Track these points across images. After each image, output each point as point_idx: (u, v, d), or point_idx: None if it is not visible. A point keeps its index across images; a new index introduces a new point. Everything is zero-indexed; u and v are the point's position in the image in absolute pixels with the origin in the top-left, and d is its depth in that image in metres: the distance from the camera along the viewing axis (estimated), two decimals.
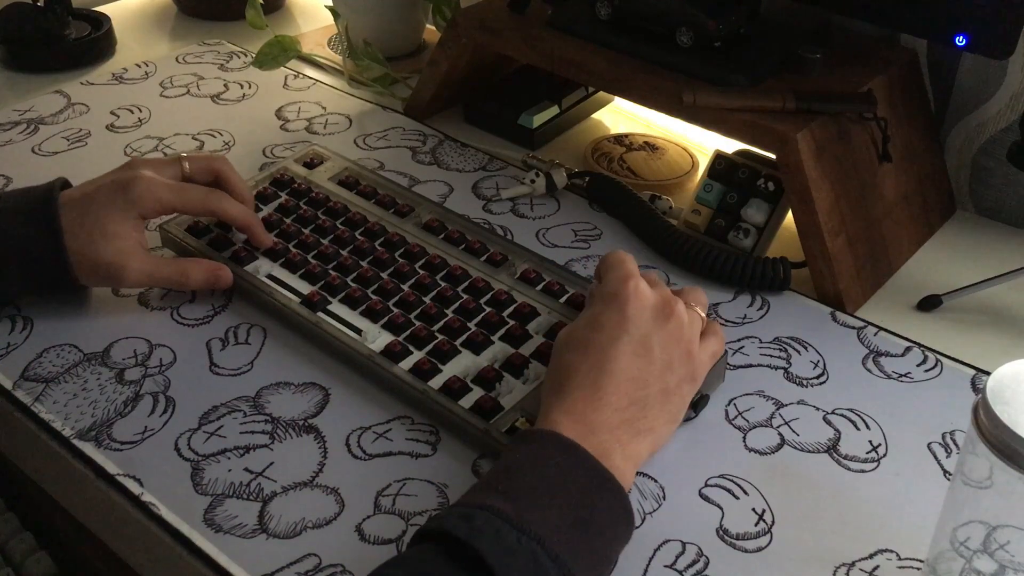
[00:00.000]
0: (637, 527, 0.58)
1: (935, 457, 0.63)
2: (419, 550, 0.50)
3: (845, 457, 0.63)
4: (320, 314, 0.70)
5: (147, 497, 0.59)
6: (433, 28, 1.10)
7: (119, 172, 0.72)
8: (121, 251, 0.69)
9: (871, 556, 0.57)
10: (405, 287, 0.72)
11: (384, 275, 0.74)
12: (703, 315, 0.63)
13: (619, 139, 0.97)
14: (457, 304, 0.71)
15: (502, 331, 0.69)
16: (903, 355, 0.71)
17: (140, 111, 1.00)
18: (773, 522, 0.59)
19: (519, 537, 0.48)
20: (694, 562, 0.56)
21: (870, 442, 0.64)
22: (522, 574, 0.47)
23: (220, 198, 0.73)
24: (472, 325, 0.69)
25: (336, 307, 0.71)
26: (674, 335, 0.59)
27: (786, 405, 0.67)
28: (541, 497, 0.51)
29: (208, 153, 0.76)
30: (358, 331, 0.69)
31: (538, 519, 0.49)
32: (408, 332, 0.69)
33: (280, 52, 1.06)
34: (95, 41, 1.11)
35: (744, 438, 0.64)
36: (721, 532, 0.58)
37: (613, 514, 0.53)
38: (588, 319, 0.60)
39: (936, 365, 0.71)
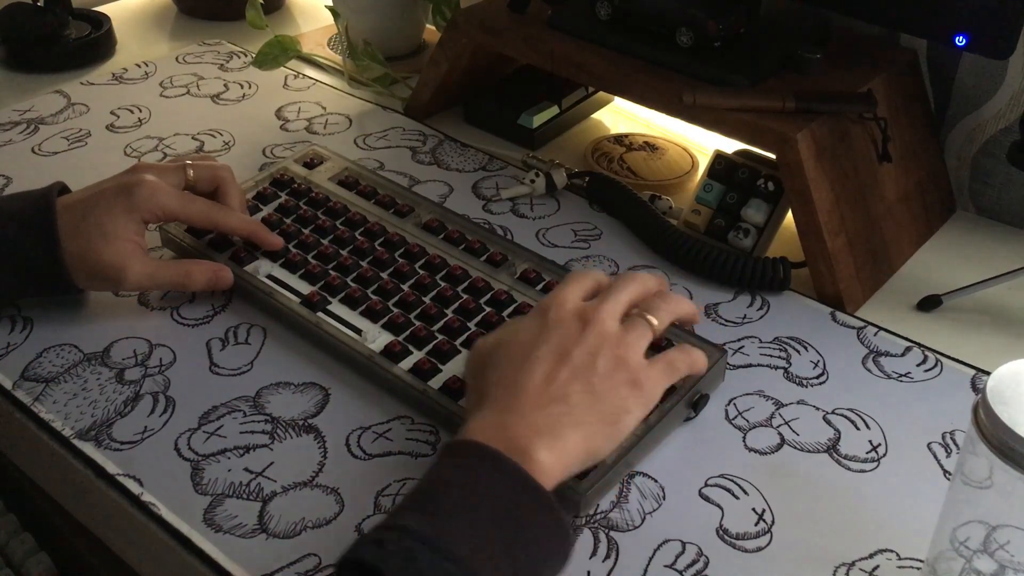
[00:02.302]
0: (637, 527, 0.58)
1: (935, 457, 0.63)
2: None
3: (845, 457, 0.63)
4: (320, 314, 0.70)
5: (147, 497, 0.59)
6: (433, 28, 1.10)
7: (123, 176, 0.72)
8: (121, 253, 0.69)
9: (871, 556, 0.57)
10: (405, 287, 0.72)
11: (384, 275, 0.74)
12: (655, 324, 0.60)
13: (619, 139, 0.97)
14: (457, 304, 0.71)
15: None
16: (903, 355, 0.71)
17: (140, 111, 1.00)
18: (773, 522, 0.59)
19: (432, 559, 0.46)
20: (694, 562, 0.56)
21: (870, 442, 0.64)
22: None
23: (222, 212, 0.73)
24: (472, 325, 0.69)
25: (336, 307, 0.71)
26: (594, 342, 0.57)
27: (786, 405, 0.67)
28: (463, 513, 0.48)
29: (212, 161, 0.76)
30: (358, 331, 0.69)
31: (457, 538, 0.47)
32: (408, 332, 0.69)
33: (280, 52, 1.06)
34: (95, 41, 1.11)
35: (744, 438, 0.64)
36: (721, 532, 0.58)
37: (543, 528, 0.50)
38: (513, 324, 0.60)
39: (936, 365, 0.71)
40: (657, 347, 0.66)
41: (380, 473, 0.61)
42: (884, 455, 0.63)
